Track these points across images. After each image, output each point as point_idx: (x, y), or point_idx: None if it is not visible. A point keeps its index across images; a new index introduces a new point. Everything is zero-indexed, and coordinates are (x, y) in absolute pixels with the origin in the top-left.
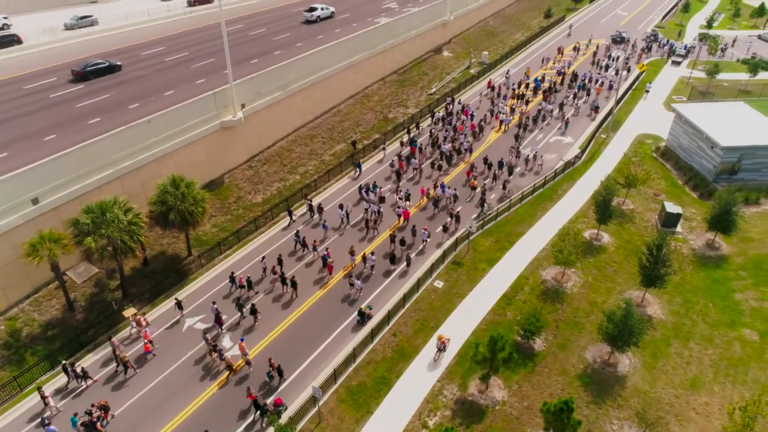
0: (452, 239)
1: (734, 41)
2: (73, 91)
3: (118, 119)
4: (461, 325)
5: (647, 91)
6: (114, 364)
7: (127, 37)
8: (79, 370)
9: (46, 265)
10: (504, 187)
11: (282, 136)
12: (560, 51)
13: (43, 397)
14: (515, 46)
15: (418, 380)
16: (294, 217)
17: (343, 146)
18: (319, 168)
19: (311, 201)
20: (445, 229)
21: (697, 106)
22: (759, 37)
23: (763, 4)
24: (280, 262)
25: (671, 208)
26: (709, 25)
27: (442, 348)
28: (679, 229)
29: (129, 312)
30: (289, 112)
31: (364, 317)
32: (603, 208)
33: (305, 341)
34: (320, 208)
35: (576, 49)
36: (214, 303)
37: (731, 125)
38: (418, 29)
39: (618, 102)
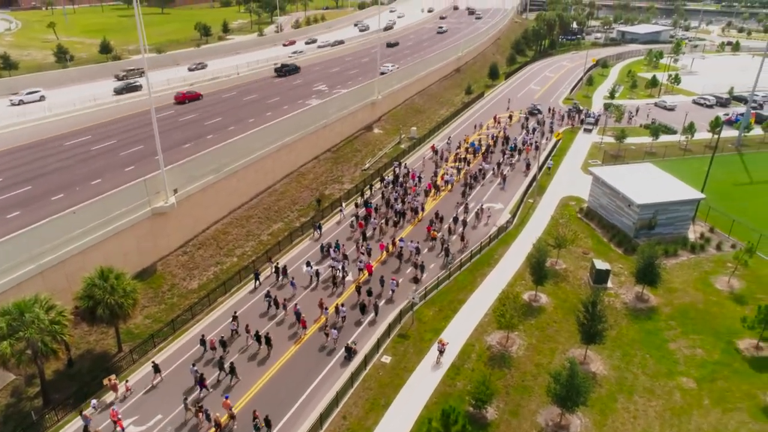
0: (421, 290)
1: (638, 110)
2: None
3: (40, 211)
4: (412, 399)
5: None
6: None
7: (49, 128)
8: None
9: None
10: (462, 239)
11: (217, 218)
12: (495, 119)
13: None
14: (441, 120)
15: None
16: (260, 281)
17: (280, 225)
18: (257, 249)
19: (276, 264)
20: (416, 280)
21: (610, 168)
22: (656, 104)
23: (654, 77)
24: (234, 318)
25: (600, 265)
26: (612, 95)
27: (442, 350)
28: (609, 284)
29: (107, 379)
30: (224, 195)
31: (350, 352)
32: (538, 269)
33: (289, 391)
34: (284, 270)
35: (510, 117)
36: (193, 365)
37: (643, 184)
38: (348, 109)
39: (540, 168)
